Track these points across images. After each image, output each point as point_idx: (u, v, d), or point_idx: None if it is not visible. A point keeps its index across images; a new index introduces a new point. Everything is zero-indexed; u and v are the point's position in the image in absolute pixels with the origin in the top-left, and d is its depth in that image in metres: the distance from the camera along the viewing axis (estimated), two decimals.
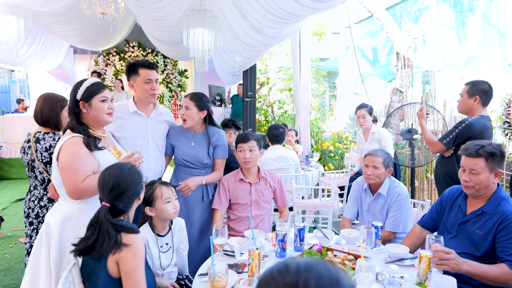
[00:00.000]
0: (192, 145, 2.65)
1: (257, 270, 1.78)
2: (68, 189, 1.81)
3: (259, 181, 2.65)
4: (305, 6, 3.39)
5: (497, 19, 6.84)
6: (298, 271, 0.64)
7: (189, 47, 4.48)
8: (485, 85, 2.91)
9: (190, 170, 2.67)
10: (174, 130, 2.71)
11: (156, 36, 6.56)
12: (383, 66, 9.93)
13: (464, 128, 2.88)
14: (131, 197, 1.66)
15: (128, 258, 1.54)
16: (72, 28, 6.62)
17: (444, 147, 2.98)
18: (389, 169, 2.58)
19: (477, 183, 1.94)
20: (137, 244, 1.57)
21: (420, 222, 2.29)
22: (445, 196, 2.20)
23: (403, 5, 8.81)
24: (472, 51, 7.25)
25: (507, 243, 1.83)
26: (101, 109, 1.93)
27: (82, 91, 1.90)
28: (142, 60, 2.47)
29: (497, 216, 1.90)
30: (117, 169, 1.67)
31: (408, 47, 6.24)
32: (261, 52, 6.29)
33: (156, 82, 2.49)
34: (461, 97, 2.99)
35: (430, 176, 5.14)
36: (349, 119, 12.04)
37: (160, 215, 2.01)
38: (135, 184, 1.67)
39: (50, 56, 8.46)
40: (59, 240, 1.82)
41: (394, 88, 6.31)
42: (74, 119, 1.91)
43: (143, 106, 2.53)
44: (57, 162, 1.84)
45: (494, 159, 1.91)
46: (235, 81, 9.32)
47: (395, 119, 5.83)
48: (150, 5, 4.12)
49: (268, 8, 3.64)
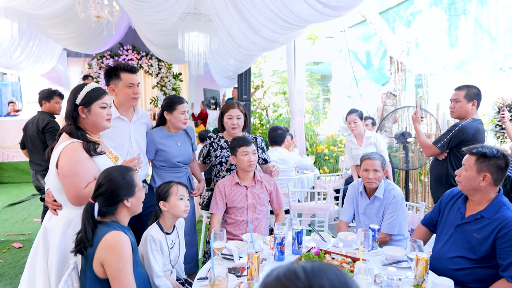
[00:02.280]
0: (179, 145, 2.75)
1: (256, 274, 1.78)
2: (70, 195, 1.80)
3: (255, 184, 2.66)
4: (319, 12, 3.32)
5: (488, 24, 6.95)
6: (308, 276, 0.63)
7: (184, 50, 4.48)
8: (477, 89, 2.98)
9: (177, 169, 2.77)
10: (156, 135, 2.72)
11: (151, 39, 6.55)
12: (376, 69, 10.01)
13: (458, 132, 2.93)
14: (114, 201, 1.65)
15: (112, 261, 1.54)
16: (66, 31, 6.57)
17: (439, 150, 3.03)
18: (385, 170, 2.61)
19: (463, 179, 1.99)
20: (120, 246, 1.55)
21: (423, 221, 2.34)
22: (445, 197, 2.23)
23: (396, 10, 8.90)
24: (464, 55, 7.34)
25: (507, 250, 1.84)
26: (101, 115, 1.92)
27: (82, 96, 1.88)
28: (123, 64, 2.46)
29: (496, 222, 1.89)
30: (111, 169, 1.72)
31: (401, 51, 6.30)
32: (255, 56, 6.31)
33: (137, 86, 2.50)
34: (457, 102, 3.01)
35: (424, 178, 5.20)
36: (343, 122, 12.11)
37: (172, 210, 2.10)
38: (120, 188, 1.65)
39: (43, 59, 8.39)
40: (60, 246, 1.80)
41: (388, 92, 6.36)
42: (72, 124, 1.89)
43: (124, 110, 2.53)
44: (56, 169, 1.82)
45: (484, 161, 1.92)
46: (230, 85, 9.34)
47: (389, 122, 5.89)
48: (148, 8, 4.12)
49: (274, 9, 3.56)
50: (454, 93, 3.06)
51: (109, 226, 1.62)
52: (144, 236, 2.08)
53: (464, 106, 2.98)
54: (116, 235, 1.58)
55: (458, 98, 3.01)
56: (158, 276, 1.98)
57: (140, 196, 1.74)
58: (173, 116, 2.70)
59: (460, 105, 3.00)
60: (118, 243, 1.55)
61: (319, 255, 2.10)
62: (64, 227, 1.82)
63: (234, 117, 2.82)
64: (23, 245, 4.03)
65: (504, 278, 1.83)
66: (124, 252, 1.55)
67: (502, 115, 3.68)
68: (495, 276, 1.90)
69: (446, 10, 7.57)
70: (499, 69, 6.87)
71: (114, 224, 1.65)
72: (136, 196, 1.72)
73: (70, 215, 1.85)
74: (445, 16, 7.59)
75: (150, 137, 2.69)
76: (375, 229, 2.24)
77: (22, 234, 4.35)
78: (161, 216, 2.15)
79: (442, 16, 7.64)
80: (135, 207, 1.73)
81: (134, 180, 1.71)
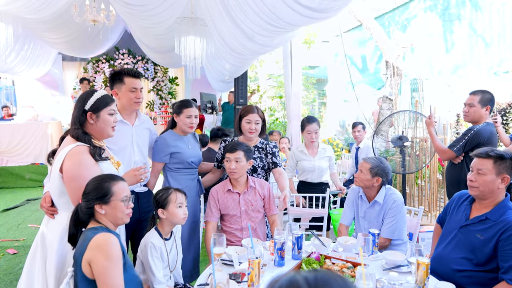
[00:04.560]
0: (190, 148, 2.79)
1: (257, 280, 1.77)
2: (76, 199, 1.78)
3: (247, 190, 2.64)
4: (303, 15, 3.41)
5: (482, 29, 7.02)
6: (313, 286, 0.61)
7: (180, 54, 4.48)
8: (491, 94, 3.04)
9: (191, 171, 2.81)
10: (168, 138, 2.72)
11: (147, 43, 6.54)
12: (372, 74, 10.08)
13: (474, 135, 2.99)
14: (87, 202, 1.66)
15: (99, 260, 1.53)
16: (61, 35, 6.55)
17: (455, 154, 3.08)
18: (377, 178, 2.56)
19: (481, 184, 1.96)
20: (108, 246, 1.55)
21: (437, 219, 2.38)
22: (454, 198, 2.24)
23: (391, 15, 8.98)
24: (459, 59, 7.41)
25: (508, 253, 1.84)
26: (108, 122, 1.94)
27: (92, 102, 1.89)
28: (127, 69, 2.52)
29: (501, 224, 1.90)
30: (97, 175, 1.76)
31: (397, 56, 6.34)
32: (250, 60, 6.32)
33: (140, 91, 2.53)
34: (471, 106, 3.05)
35: (420, 182, 5.21)
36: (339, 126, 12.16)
37: (170, 218, 2.09)
38: (92, 192, 1.67)
39: (38, 63, 8.35)
40: (58, 251, 1.79)
41: (384, 96, 6.40)
42: (79, 128, 1.89)
43: (127, 114, 2.55)
44: (59, 172, 1.80)
45: (502, 163, 1.93)
46: (226, 89, 9.34)
47: (385, 126, 5.91)
48: (142, 12, 4.12)
49: (263, 16, 3.65)
50: (469, 97, 3.10)
51: (98, 230, 1.63)
52: (143, 243, 2.06)
53: (478, 111, 3.03)
54: (105, 235, 1.59)
55: (472, 102, 3.05)
56: (159, 283, 1.96)
57: (117, 206, 1.69)
58: (180, 119, 2.73)
59: (474, 110, 3.04)
60: (106, 241, 1.56)
61: (319, 260, 2.09)
62: (62, 232, 1.81)
63: (253, 122, 2.82)
64: (17, 251, 3.98)
65: (505, 280, 1.83)
66: (111, 252, 1.55)
67: (494, 119, 3.72)
68: (495, 280, 1.91)
69: (440, 15, 7.65)
70: (493, 74, 6.94)
71: (103, 228, 1.66)
72: (111, 205, 1.67)
73: (67, 220, 1.82)
74: (439, 22, 7.67)
75: (163, 141, 2.70)
76: (375, 234, 2.24)
77: (17, 240, 4.29)
78: (159, 222, 2.14)
79: (436, 21, 7.72)
80: (112, 217, 1.69)
81: (111, 188, 1.68)
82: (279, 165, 2.93)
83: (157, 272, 1.97)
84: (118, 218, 1.71)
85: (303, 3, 3.25)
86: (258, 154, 2.91)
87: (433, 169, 4.82)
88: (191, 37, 4.43)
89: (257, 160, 2.89)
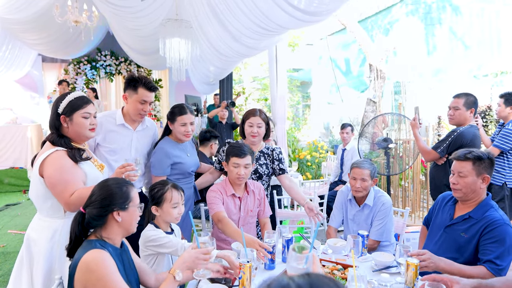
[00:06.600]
0: (189, 156, 2.73)
1: (248, 284, 1.74)
2: (64, 202, 1.74)
3: (247, 195, 2.55)
4: (295, 18, 3.40)
5: (462, 32, 7.20)
6: None
7: (165, 56, 4.43)
8: (474, 97, 3.11)
9: (189, 179, 2.76)
10: (168, 148, 2.60)
11: (130, 45, 6.44)
12: (355, 77, 10.20)
13: (457, 137, 3.05)
14: (104, 209, 1.52)
15: (91, 281, 1.41)
16: (41, 36, 6.39)
17: (438, 155, 3.15)
18: (375, 179, 2.61)
19: (464, 186, 2.02)
20: (96, 265, 1.42)
21: (423, 222, 2.42)
22: (439, 199, 2.29)
23: (374, 19, 9.12)
24: (440, 62, 7.58)
25: (489, 247, 1.90)
26: (82, 125, 1.87)
27: (64, 105, 1.84)
28: (144, 79, 2.44)
29: (483, 221, 1.96)
30: (109, 178, 1.67)
31: (380, 59, 6.44)
32: (235, 62, 6.31)
33: (150, 104, 2.49)
34: (456, 109, 3.11)
35: (404, 183, 5.29)
36: (323, 128, 12.25)
37: (164, 217, 2.04)
38: (113, 196, 1.55)
39: (17, 64, 8.11)
40: (45, 258, 1.74)
41: (368, 99, 6.48)
42: (55, 132, 1.85)
43: (130, 120, 2.53)
44: (40, 177, 1.76)
45: (481, 163, 1.99)
46: (211, 91, 9.29)
47: (368, 128, 5.98)
48: (128, 14, 4.06)
49: (253, 19, 3.64)
50: (453, 100, 3.15)
51: (90, 245, 1.49)
52: (143, 237, 1.99)
53: (463, 114, 3.09)
54: (93, 253, 1.45)
55: (457, 106, 3.10)
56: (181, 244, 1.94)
57: (133, 213, 1.60)
58: (174, 128, 2.63)
59: (459, 113, 3.10)
60: (94, 261, 1.43)
61: None
62: (48, 238, 1.77)
63: (255, 125, 2.72)
64: None
65: (485, 266, 1.87)
66: (102, 270, 1.43)
67: (475, 121, 3.81)
68: None
69: (422, 19, 7.81)
70: (473, 77, 7.12)
71: (98, 242, 1.52)
72: (129, 212, 1.58)
73: (54, 225, 1.80)
74: (421, 25, 7.82)
75: (163, 151, 2.57)
76: (364, 235, 2.25)
77: None
78: (155, 218, 2.08)
79: (418, 25, 7.87)
80: (127, 225, 1.59)
81: (130, 193, 1.60)
82: (287, 171, 2.83)
83: (176, 243, 1.94)
84: (132, 226, 1.60)
85: (296, 5, 3.25)
86: (264, 160, 2.79)
87: (416, 170, 4.90)
88: (176, 39, 4.38)
89: (263, 166, 2.76)
